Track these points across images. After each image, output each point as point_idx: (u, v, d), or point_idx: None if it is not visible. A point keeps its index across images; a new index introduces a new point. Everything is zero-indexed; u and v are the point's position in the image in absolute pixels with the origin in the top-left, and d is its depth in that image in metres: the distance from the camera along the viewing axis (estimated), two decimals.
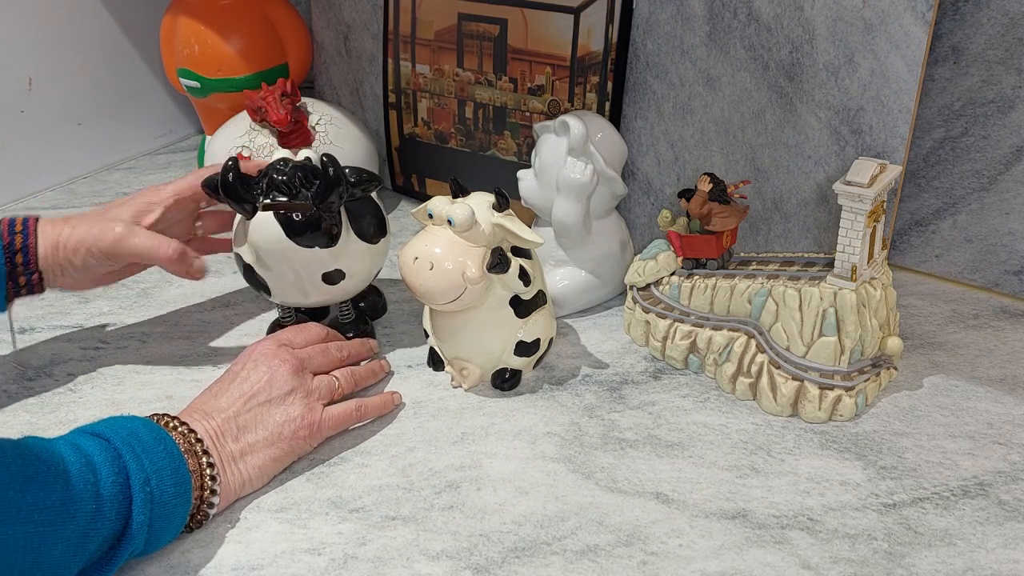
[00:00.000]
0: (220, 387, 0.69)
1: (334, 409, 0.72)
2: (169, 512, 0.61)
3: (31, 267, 0.76)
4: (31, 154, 1.14)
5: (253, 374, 0.69)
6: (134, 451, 0.60)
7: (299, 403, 0.69)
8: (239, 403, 0.68)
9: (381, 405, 0.75)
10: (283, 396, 0.69)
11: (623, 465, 0.70)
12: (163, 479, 0.60)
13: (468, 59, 0.98)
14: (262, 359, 0.70)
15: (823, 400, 0.73)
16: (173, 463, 0.61)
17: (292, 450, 0.69)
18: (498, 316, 0.75)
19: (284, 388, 0.69)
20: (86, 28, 1.16)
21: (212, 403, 0.68)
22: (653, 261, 0.82)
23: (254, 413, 0.68)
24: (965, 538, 0.62)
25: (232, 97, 1.06)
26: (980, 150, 0.85)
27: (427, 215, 0.73)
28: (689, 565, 0.61)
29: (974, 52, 0.83)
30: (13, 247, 0.75)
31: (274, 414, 0.68)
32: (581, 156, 0.81)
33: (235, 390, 0.69)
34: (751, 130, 0.85)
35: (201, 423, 0.66)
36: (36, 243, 0.76)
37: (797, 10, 0.79)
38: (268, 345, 0.72)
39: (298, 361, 0.71)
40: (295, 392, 0.70)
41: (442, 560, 0.62)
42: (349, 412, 0.72)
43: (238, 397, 0.68)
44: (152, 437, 0.61)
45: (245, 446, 0.66)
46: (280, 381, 0.69)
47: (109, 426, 0.61)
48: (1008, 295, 0.89)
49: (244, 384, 0.69)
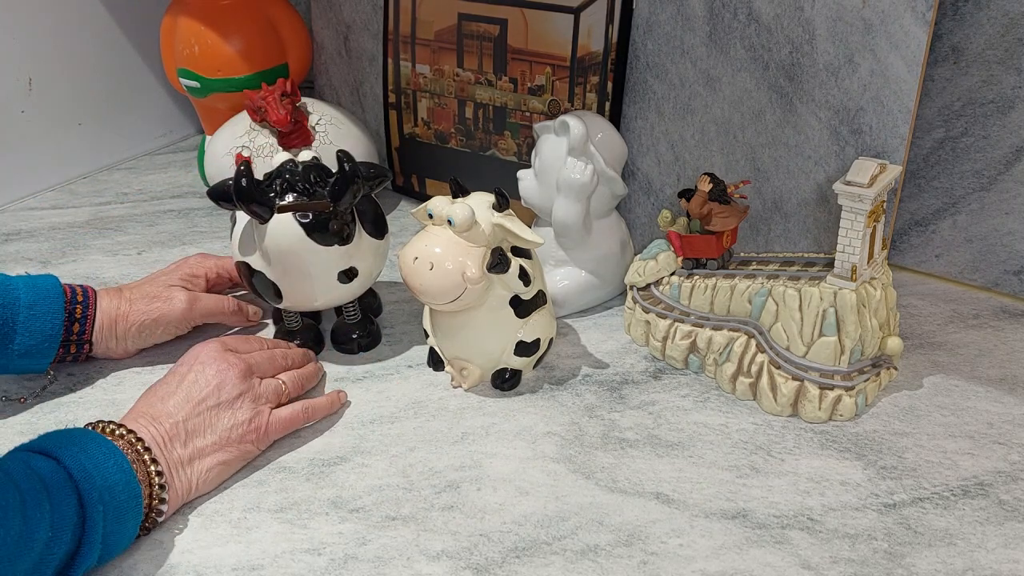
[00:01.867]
0: (166, 390, 0.69)
1: (281, 412, 0.72)
2: (121, 526, 0.61)
3: (85, 337, 0.78)
4: (31, 154, 1.14)
5: (201, 378, 0.69)
6: (85, 469, 0.59)
7: (247, 407, 0.69)
8: (187, 407, 0.67)
9: (328, 405, 0.75)
10: (231, 400, 0.69)
11: (623, 465, 0.70)
12: (115, 494, 0.60)
13: (468, 59, 0.98)
14: (209, 362, 0.70)
15: (823, 400, 0.73)
16: (124, 477, 0.61)
17: (240, 454, 0.69)
18: (498, 316, 0.75)
19: (232, 392, 0.69)
20: (86, 28, 1.16)
21: (159, 407, 0.67)
22: (653, 261, 0.82)
23: (203, 417, 0.67)
24: (965, 538, 0.62)
25: (232, 97, 1.06)
26: (980, 150, 0.85)
27: (427, 215, 0.73)
28: (689, 565, 0.61)
29: (974, 52, 0.83)
30: (73, 316, 0.77)
31: (222, 418, 0.68)
32: (581, 156, 0.81)
33: (182, 393, 0.68)
34: (751, 130, 0.85)
35: (148, 429, 0.65)
36: (95, 315, 0.79)
37: (797, 10, 0.79)
38: (214, 348, 0.72)
39: (246, 366, 0.71)
40: (243, 396, 0.70)
41: (442, 560, 0.62)
42: (296, 414, 0.73)
43: (186, 401, 0.68)
44: (101, 452, 0.61)
45: (194, 451, 0.66)
46: (229, 385, 0.69)
47: (56, 443, 0.61)
48: (1008, 295, 0.89)
49: (192, 388, 0.68)
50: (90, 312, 0.78)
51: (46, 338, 0.75)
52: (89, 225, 1.08)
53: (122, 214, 1.11)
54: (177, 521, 0.65)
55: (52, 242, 1.04)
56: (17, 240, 1.05)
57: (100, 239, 1.05)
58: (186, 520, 0.66)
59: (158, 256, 1.01)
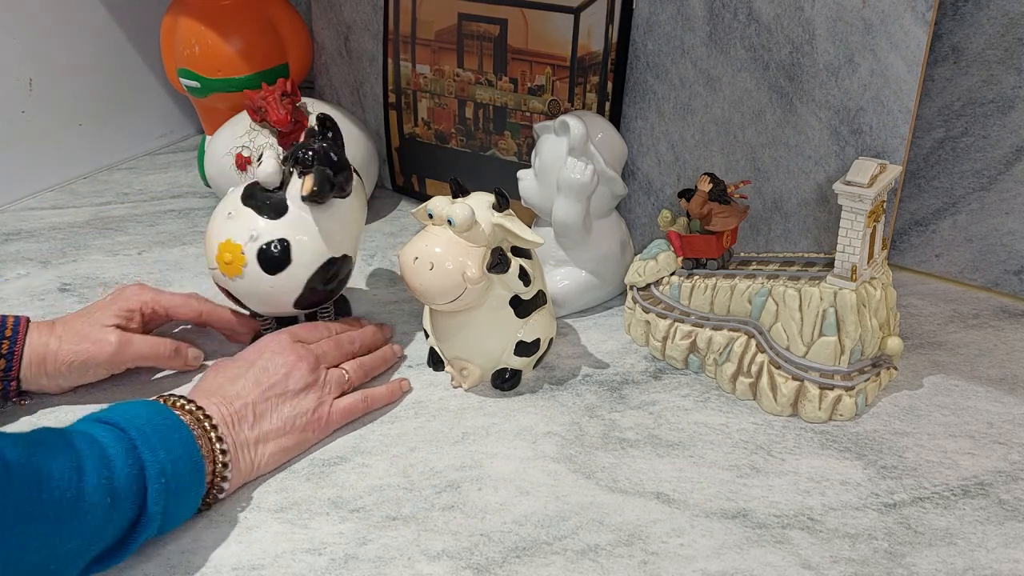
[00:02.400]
0: (236, 373, 0.70)
1: (342, 403, 0.73)
2: (183, 499, 0.62)
3: (12, 375, 0.74)
4: (31, 154, 1.14)
5: (271, 365, 0.71)
6: (148, 440, 0.60)
7: (312, 398, 0.71)
8: (257, 392, 0.69)
9: (388, 395, 0.76)
10: (298, 391, 0.71)
11: (624, 465, 0.70)
12: (178, 468, 0.61)
13: (468, 59, 0.98)
14: (280, 352, 0.72)
15: (823, 400, 0.73)
16: (187, 450, 0.62)
17: (302, 442, 0.71)
18: (498, 316, 0.75)
19: (300, 383, 0.71)
20: (86, 28, 1.16)
21: (229, 388, 0.69)
22: (653, 261, 0.82)
23: (270, 403, 0.69)
24: (965, 537, 0.62)
25: (232, 97, 1.06)
26: (980, 150, 0.85)
27: (427, 215, 0.73)
28: (690, 565, 0.61)
29: (974, 52, 0.83)
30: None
31: (288, 406, 0.70)
32: (581, 156, 0.81)
33: (252, 377, 0.70)
34: (751, 130, 0.85)
35: (217, 407, 0.67)
36: (23, 352, 0.74)
37: (797, 10, 0.79)
38: (284, 339, 0.74)
39: (315, 358, 0.73)
40: (309, 388, 0.71)
41: (443, 560, 0.62)
42: (356, 404, 0.74)
43: (255, 385, 0.69)
44: (166, 425, 0.62)
45: (260, 434, 0.68)
46: (297, 375, 0.71)
47: (123, 414, 0.62)
48: (1008, 295, 0.89)
49: (263, 374, 0.70)
50: (17, 349, 0.73)
51: None
52: (89, 225, 1.08)
53: (122, 214, 1.11)
54: None
55: (52, 242, 1.04)
56: (17, 240, 1.05)
57: (100, 239, 1.05)
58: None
59: (158, 256, 1.01)
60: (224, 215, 0.77)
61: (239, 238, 0.75)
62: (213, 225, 0.78)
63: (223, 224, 0.77)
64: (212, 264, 0.77)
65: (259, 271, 0.75)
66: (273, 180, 0.76)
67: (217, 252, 0.76)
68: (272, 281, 0.76)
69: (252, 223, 0.76)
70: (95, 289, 0.95)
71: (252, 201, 0.77)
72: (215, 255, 0.76)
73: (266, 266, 0.75)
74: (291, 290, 0.77)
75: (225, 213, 0.77)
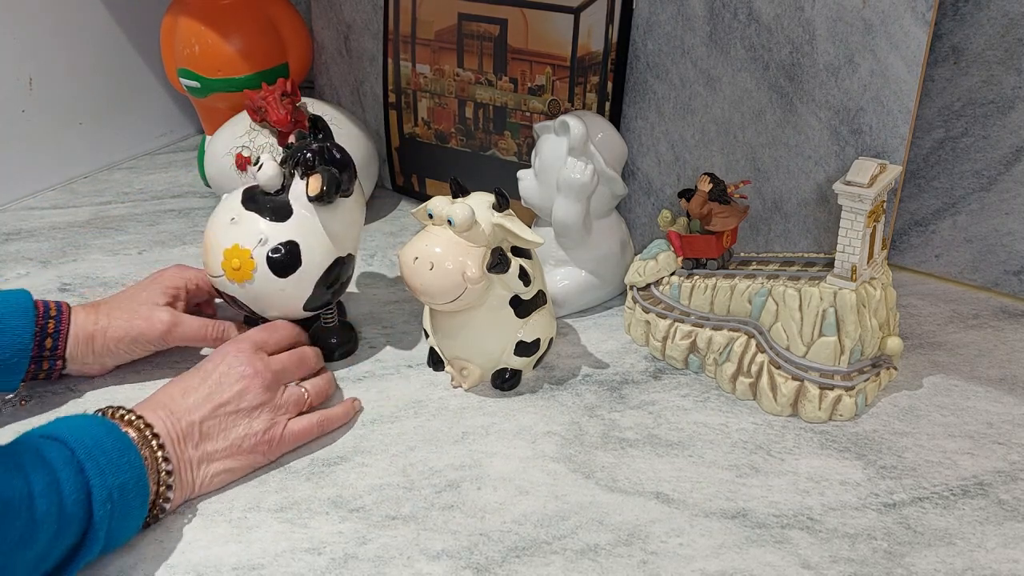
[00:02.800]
0: (189, 385, 0.68)
1: (296, 425, 0.71)
2: (127, 522, 0.61)
3: (58, 353, 0.75)
4: (31, 154, 1.14)
5: (226, 380, 0.69)
6: (98, 464, 0.59)
7: (264, 418, 0.69)
8: (207, 408, 0.67)
9: (343, 415, 0.74)
10: (251, 409, 0.69)
11: (623, 464, 0.70)
12: (125, 492, 0.60)
13: (468, 59, 0.98)
14: (237, 365, 0.70)
15: (823, 400, 0.73)
16: (135, 475, 0.61)
17: (249, 464, 0.69)
18: (498, 316, 0.75)
19: (254, 401, 0.69)
20: (86, 28, 1.16)
21: (180, 401, 0.67)
22: (653, 261, 0.82)
23: (219, 420, 0.67)
24: (965, 538, 0.62)
25: (232, 97, 1.06)
26: (980, 150, 0.86)
27: (427, 215, 0.73)
28: (689, 564, 0.61)
29: (974, 52, 0.83)
30: (45, 331, 0.74)
31: (238, 426, 0.68)
32: (581, 156, 0.81)
33: (204, 392, 0.68)
34: (751, 130, 0.85)
35: (164, 423, 0.65)
36: (68, 331, 0.75)
37: (797, 10, 0.79)
38: (244, 349, 0.71)
39: (272, 376, 0.71)
40: (263, 406, 0.69)
41: (442, 559, 0.62)
42: (311, 427, 0.72)
43: (206, 400, 0.67)
44: (116, 447, 0.61)
45: (203, 454, 0.66)
46: (252, 394, 0.69)
47: (72, 431, 0.60)
48: (1008, 295, 0.89)
49: (216, 389, 0.68)
50: (63, 328, 0.75)
51: (15, 352, 0.73)
52: (90, 225, 1.08)
53: (123, 214, 1.11)
54: (177, 521, 0.65)
55: (53, 242, 1.04)
56: (17, 240, 1.05)
57: (101, 239, 1.05)
58: (186, 520, 0.66)
59: (159, 256, 1.01)
60: (226, 221, 0.76)
61: (247, 243, 0.75)
62: (215, 232, 0.77)
63: (227, 230, 0.76)
64: (216, 272, 0.76)
65: (269, 275, 0.75)
66: (274, 183, 0.76)
67: (223, 259, 0.75)
68: (282, 284, 0.75)
69: (258, 227, 0.75)
70: (95, 289, 0.95)
71: (254, 205, 0.76)
72: (220, 262, 0.75)
73: (276, 270, 0.75)
74: (301, 292, 0.77)
75: (227, 219, 0.76)
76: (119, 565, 0.62)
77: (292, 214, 0.76)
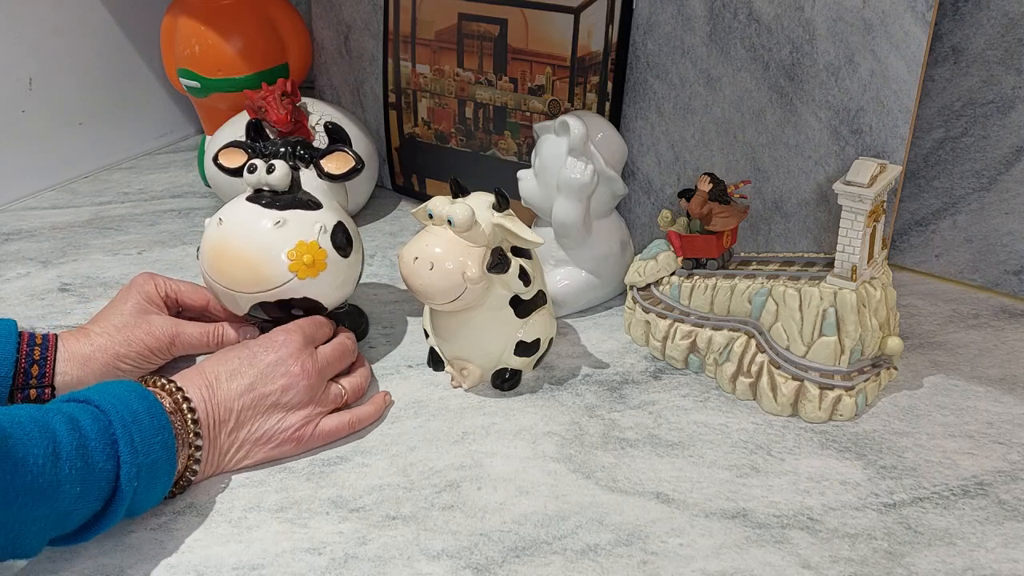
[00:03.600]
0: (237, 366, 0.69)
1: (327, 424, 0.71)
2: (150, 495, 0.62)
3: (45, 381, 0.71)
4: (31, 154, 1.14)
5: (274, 372, 0.69)
6: (131, 439, 0.59)
7: (301, 415, 0.70)
8: (248, 397, 0.68)
9: (374, 413, 0.75)
10: (291, 405, 0.70)
11: (623, 464, 0.70)
12: (154, 470, 0.61)
13: (468, 59, 0.98)
14: (288, 359, 0.70)
15: (823, 400, 0.73)
16: (167, 455, 0.62)
17: (276, 455, 0.70)
18: (498, 316, 0.75)
19: (295, 400, 0.70)
20: (86, 28, 1.16)
21: (225, 384, 0.67)
22: (653, 261, 0.82)
23: (256, 410, 0.68)
24: (965, 538, 0.62)
25: (232, 97, 1.06)
26: (980, 150, 0.86)
27: (427, 215, 0.73)
28: (689, 564, 0.61)
29: (974, 52, 0.83)
30: (31, 358, 0.71)
31: (273, 418, 0.69)
32: (581, 156, 0.81)
33: (248, 380, 0.68)
34: (751, 130, 0.85)
35: (204, 401, 0.66)
36: (55, 357, 0.72)
37: (797, 10, 0.79)
38: (295, 341, 0.72)
39: (318, 374, 0.71)
40: (302, 406, 0.70)
41: (442, 559, 0.62)
42: (341, 428, 0.72)
43: (248, 390, 0.68)
44: (152, 425, 0.61)
45: (234, 440, 0.68)
46: (294, 391, 0.70)
47: (112, 399, 0.61)
48: (1008, 295, 0.89)
49: (260, 380, 0.69)
50: (49, 354, 0.71)
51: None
52: (90, 224, 1.08)
53: (123, 214, 1.11)
54: (177, 521, 0.65)
55: (52, 242, 1.04)
56: (17, 240, 1.05)
57: (101, 239, 1.05)
58: (186, 520, 0.66)
59: (158, 255, 1.01)
60: (270, 228, 0.73)
61: (309, 236, 0.74)
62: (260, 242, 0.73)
63: (277, 234, 0.73)
64: (279, 280, 0.73)
65: (338, 258, 0.76)
66: (287, 183, 0.76)
67: (290, 261, 0.73)
68: (349, 262, 0.77)
69: (311, 218, 0.75)
70: (95, 289, 0.95)
71: (284, 203, 0.75)
72: (287, 266, 0.73)
73: (342, 250, 0.76)
74: (359, 267, 0.80)
75: (269, 226, 0.73)
76: (119, 564, 0.62)
77: (319, 200, 0.77)
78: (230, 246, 0.74)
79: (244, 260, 0.74)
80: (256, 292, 0.74)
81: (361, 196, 1.07)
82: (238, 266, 0.74)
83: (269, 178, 0.75)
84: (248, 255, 0.74)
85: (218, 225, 0.75)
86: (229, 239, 0.74)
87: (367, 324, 0.87)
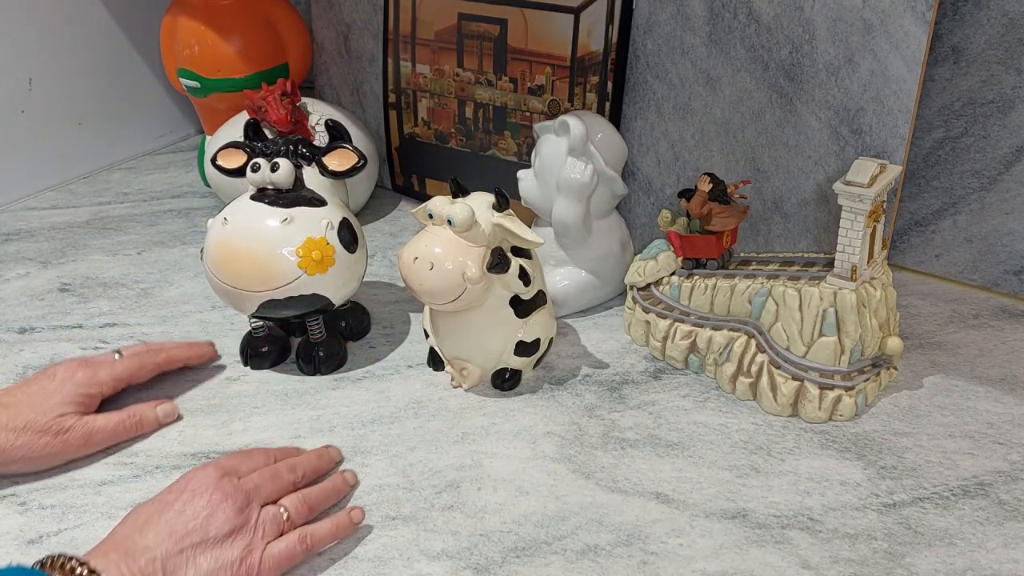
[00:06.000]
0: (148, 519, 0.59)
1: (276, 547, 0.61)
2: None
3: None
4: (31, 154, 1.14)
5: (189, 507, 0.59)
6: None
7: (238, 545, 0.60)
8: (169, 542, 0.58)
9: (332, 530, 0.64)
10: (221, 538, 0.59)
11: (623, 465, 0.70)
12: None
13: (468, 59, 0.98)
14: (202, 490, 0.61)
15: (823, 400, 0.73)
16: None
17: None
18: (498, 316, 0.75)
19: (224, 528, 0.59)
20: (86, 28, 1.16)
21: (138, 539, 0.58)
22: (653, 261, 0.82)
23: (185, 556, 0.58)
24: (965, 538, 0.62)
25: (232, 97, 1.06)
26: (980, 150, 0.85)
27: (427, 215, 0.73)
28: (689, 565, 0.61)
29: (974, 52, 0.83)
30: None
31: (208, 558, 0.58)
32: (581, 156, 0.81)
33: (165, 524, 0.59)
34: (751, 130, 0.85)
35: (119, 566, 0.56)
36: None
37: (797, 10, 0.79)
38: (210, 474, 0.62)
39: (244, 496, 0.61)
40: (236, 533, 0.60)
41: (442, 560, 0.62)
42: (294, 550, 0.61)
43: (168, 535, 0.58)
44: None
45: None
46: (220, 520, 0.59)
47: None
48: (1008, 295, 0.89)
49: (178, 520, 0.59)
50: None
51: None
52: (89, 225, 1.08)
53: (122, 214, 1.11)
54: None
55: (52, 242, 1.04)
56: (17, 240, 1.05)
57: (100, 239, 1.05)
58: None
59: (158, 256, 1.01)
60: (277, 226, 0.73)
61: (317, 232, 0.74)
62: (266, 241, 0.73)
63: (285, 232, 0.73)
64: (289, 277, 0.73)
65: (346, 254, 0.76)
66: (291, 180, 0.76)
67: (299, 258, 0.73)
68: (355, 257, 0.78)
69: (318, 215, 0.75)
70: (95, 289, 0.95)
71: (289, 201, 0.75)
72: (295, 263, 0.73)
73: (348, 245, 0.77)
74: (364, 263, 0.80)
75: (276, 224, 0.73)
76: None
77: (323, 198, 0.77)
78: (237, 245, 0.74)
79: (252, 258, 0.73)
80: (265, 290, 0.74)
81: (361, 196, 1.07)
82: (246, 265, 0.73)
83: (273, 176, 0.75)
84: (256, 253, 0.73)
85: (223, 224, 0.75)
86: (236, 238, 0.74)
87: (369, 322, 0.87)
